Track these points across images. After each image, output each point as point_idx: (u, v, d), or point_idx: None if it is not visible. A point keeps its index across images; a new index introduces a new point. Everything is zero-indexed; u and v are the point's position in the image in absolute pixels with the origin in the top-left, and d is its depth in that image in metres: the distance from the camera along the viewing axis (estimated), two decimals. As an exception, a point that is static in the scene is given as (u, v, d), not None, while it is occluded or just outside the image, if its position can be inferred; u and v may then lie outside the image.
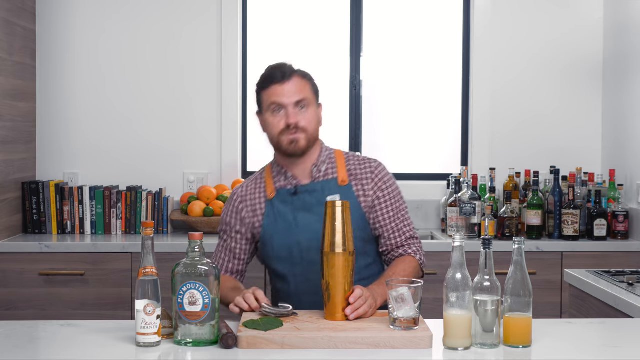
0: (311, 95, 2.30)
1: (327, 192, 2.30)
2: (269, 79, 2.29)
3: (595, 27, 4.14)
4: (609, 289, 2.56)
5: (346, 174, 2.34)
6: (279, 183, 2.36)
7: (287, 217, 2.31)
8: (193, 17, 4.06)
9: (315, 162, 2.34)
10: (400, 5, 4.25)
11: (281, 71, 2.28)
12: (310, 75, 2.35)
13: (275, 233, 2.31)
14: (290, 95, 2.26)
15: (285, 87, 2.27)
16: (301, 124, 2.26)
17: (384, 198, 2.35)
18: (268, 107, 2.29)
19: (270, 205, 2.33)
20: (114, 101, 4.05)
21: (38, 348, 1.89)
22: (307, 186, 2.32)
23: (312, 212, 2.29)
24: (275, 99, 2.27)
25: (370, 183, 2.34)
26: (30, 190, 3.78)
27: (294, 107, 2.26)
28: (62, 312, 3.46)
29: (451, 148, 4.26)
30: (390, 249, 2.36)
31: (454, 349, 1.83)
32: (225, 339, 1.83)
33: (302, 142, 2.27)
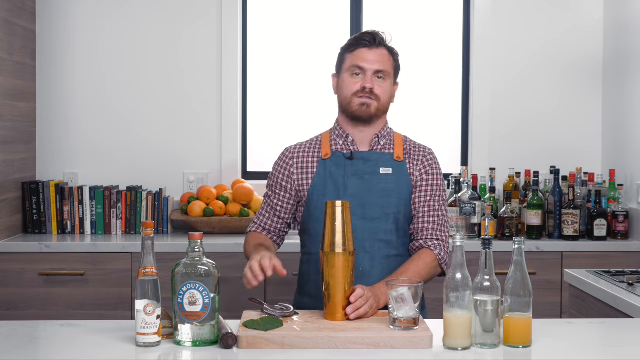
0: (391, 70, 2.38)
1: (382, 164, 2.36)
2: (358, 41, 2.35)
3: (595, 27, 4.14)
4: (609, 289, 2.56)
5: (402, 151, 2.41)
6: (336, 146, 2.40)
7: (338, 180, 2.35)
8: (193, 17, 4.06)
9: (378, 134, 2.40)
10: (400, 5, 4.26)
11: (372, 37, 2.34)
12: (397, 52, 2.42)
13: (323, 193, 2.34)
14: (373, 62, 2.33)
15: (371, 53, 2.34)
16: (376, 91, 2.34)
17: (426, 181, 2.40)
18: (349, 68, 2.35)
19: (323, 165, 2.37)
20: (114, 101, 4.05)
21: (38, 348, 1.89)
22: (364, 153, 2.38)
23: (363, 180, 2.34)
24: (359, 62, 2.33)
25: (419, 164, 2.41)
26: (30, 190, 3.78)
27: (373, 74, 2.33)
28: (62, 312, 3.46)
29: (451, 148, 4.26)
30: (416, 233, 2.38)
31: (454, 349, 1.83)
32: (225, 339, 1.83)
33: (373, 108, 2.34)
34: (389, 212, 2.33)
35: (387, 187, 2.34)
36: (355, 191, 2.32)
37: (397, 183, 2.35)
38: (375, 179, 2.34)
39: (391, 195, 2.33)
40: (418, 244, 2.36)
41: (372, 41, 2.33)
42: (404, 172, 2.37)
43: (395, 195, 2.34)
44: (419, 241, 2.36)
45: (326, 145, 2.40)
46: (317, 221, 2.31)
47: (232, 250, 3.46)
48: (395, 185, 2.35)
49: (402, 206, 2.35)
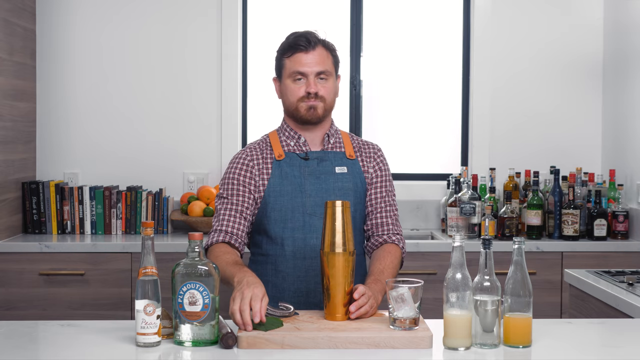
0: (332, 67, 2.37)
1: (337, 163, 2.38)
2: (294, 47, 2.34)
3: (595, 27, 4.14)
4: (609, 289, 2.56)
5: (352, 149, 2.43)
6: (288, 147, 2.40)
7: (295, 180, 2.34)
8: (193, 17, 4.06)
9: (328, 132, 2.42)
10: (400, 5, 4.26)
11: (307, 40, 2.33)
12: (334, 46, 2.41)
13: (281, 194, 2.33)
14: (313, 65, 2.33)
15: (309, 56, 2.33)
16: (320, 93, 2.34)
17: (380, 178, 2.43)
18: (290, 74, 2.35)
19: (278, 166, 2.36)
20: (114, 101, 4.05)
21: (38, 348, 1.89)
22: (318, 153, 2.39)
23: (320, 179, 2.35)
24: (299, 67, 2.33)
25: (372, 161, 2.44)
26: (30, 190, 3.78)
27: (315, 76, 2.33)
28: (62, 312, 3.46)
29: (451, 148, 4.26)
30: (375, 227, 2.40)
31: (454, 349, 1.83)
32: (225, 339, 1.83)
33: (320, 110, 2.35)
34: None
35: (344, 185, 2.36)
36: (313, 191, 2.33)
37: (353, 181, 2.38)
38: (331, 179, 2.36)
39: (348, 194, 2.35)
40: (382, 239, 2.38)
41: (308, 44, 2.32)
42: (357, 170, 2.40)
43: (352, 194, 2.36)
44: (382, 237, 2.39)
45: (277, 147, 2.39)
46: (275, 222, 2.32)
47: (232, 250, 3.45)
48: (351, 184, 2.37)
49: (358, 204, 2.38)
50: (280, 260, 2.32)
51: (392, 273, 2.27)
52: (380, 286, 2.16)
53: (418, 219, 4.09)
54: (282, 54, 2.38)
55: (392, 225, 2.41)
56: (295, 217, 2.32)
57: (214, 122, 4.08)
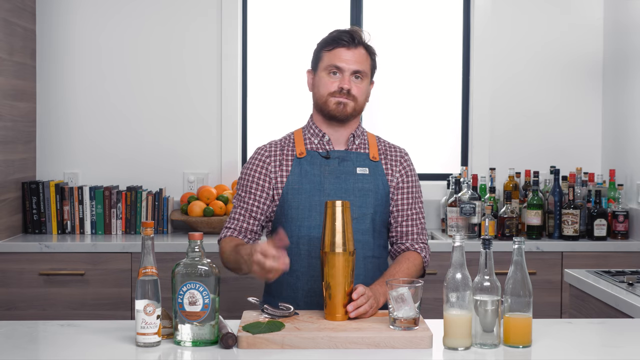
0: (368, 70, 2.36)
1: (358, 164, 2.35)
2: (336, 41, 2.32)
3: (595, 27, 4.14)
4: (609, 289, 2.56)
5: (377, 151, 2.41)
6: (311, 145, 2.38)
7: (314, 178, 2.32)
8: (193, 17, 4.07)
9: (353, 133, 2.39)
10: (400, 5, 4.26)
11: (350, 36, 2.31)
12: (375, 51, 2.40)
13: (299, 192, 2.31)
14: (351, 62, 2.31)
15: (349, 53, 2.31)
16: (353, 92, 2.32)
17: (407, 184, 2.41)
18: (326, 67, 2.33)
19: (298, 164, 2.34)
20: (114, 101, 4.05)
21: (38, 348, 1.89)
22: (340, 152, 2.37)
23: (340, 179, 2.33)
24: (337, 62, 2.31)
25: (398, 165, 2.41)
26: (30, 190, 3.78)
27: (350, 74, 2.31)
28: (62, 312, 3.46)
29: (451, 148, 4.26)
30: (399, 236, 2.38)
31: (454, 349, 1.83)
32: (225, 339, 1.83)
33: (349, 108, 2.33)
34: (366, 212, 2.32)
35: (364, 187, 2.33)
36: (332, 190, 2.31)
37: (374, 183, 2.35)
38: (352, 179, 2.33)
39: (368, 195, 2.33)
40: (404, 246, 2.37)
41: (351, 40, 2.31)
42: (380, 173, 2.37)
43: (372, 195, 2.33)
44: (405, 244, 2.37)
45: (300, 144, 2.37)
46: (292, 221, 2.30)
47: (232, 250, 3.45)
48: (372, 185, 2.34)
49: (378, 206, 2.34)
50: (295, 259, 2.27)
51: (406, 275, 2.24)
52: (384, 289, 2.15)
53: (418, 219, 4.09)
54: (322, 47, 2.35)
55: (417, 235, 2.38)
56: (312, 215, 2.29)
57: (214, 122, 4.08)
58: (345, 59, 2.30)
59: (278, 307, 2.04)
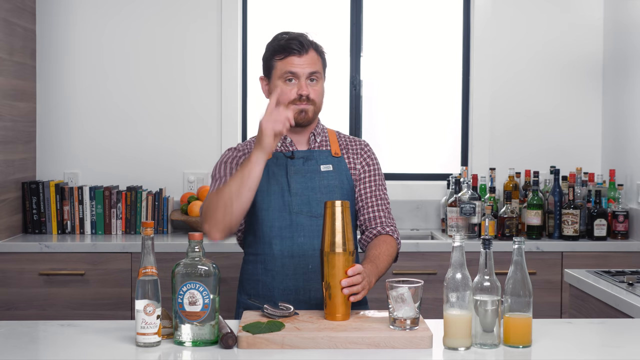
0: (322, 70, 2.40)
1: (322, 161, 2.40)
2: (287, 49, 2.35)
3: (595, 27, 4.14)
4: (609, 289, 2.56)
5: (339, 147, 2.45)
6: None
7: (281, 179, 2.36)
8: (193, 17, 4.07)
9: (314, 131, 2.44)
10: (400, 5, 4.26)
11: (300, 43, 2.34)
12: (323, 48, 2.43)
13: (268, 193, 2.35)
14: (305, 67, 2.34)
15: (302, 59, 2.34)
16: (312, 96, 2.35)
17: (369, 172, 2.45)
18: (281, 75, 2.36)
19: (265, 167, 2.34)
20: (114, 101, 4.05)
21: (38, 348, 1.89)
22: (304, 152, 2.41)
23: (306, 178, 2.37)
24: (291, 69, 2.34)
25: (359, 157, 2.46)
26: (30, 190, 3.78)
27: (306, 78, 2.35)
28: (62, 312, 3.46)
29: (451, 148, 4.26)
30: (368, 221, 2.41)
31: (454, 349, 1.83)
32: (225, 339, 1.83)
33: (310, 113, 2.37)
34: None
35: (329, 183, 2.37)
36: (299, 189, 2.35)
37: (339, 179, 2.39)
38: (317, 177, 2.37)
39: (334, 192, 2.36)
40: (375, 231, 2.39)
41: (301, 47, 2.34)
42: (343, 168, 2.41)
43: (338, 191, 2.37)
44: (376, 228, 2.39)
45: None
46: (263, 222, 2.33)
47: (232, 250, 3.46)
48: (337, 182, 2.38)
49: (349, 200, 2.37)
50: (269, 259, 2.34)
51: (387, 260, 2.28)
52: (375, 269, 2.19)
53: (418, 219, 4.09)
54: (273, 55, 2.38)
55: (385, 218, 2.41)
56: (283, 216, 2.33)
57: (214, 122, 4.08)
58: (298, 65, 2.33)
59: (278, 307, 2.04)
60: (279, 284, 2.33)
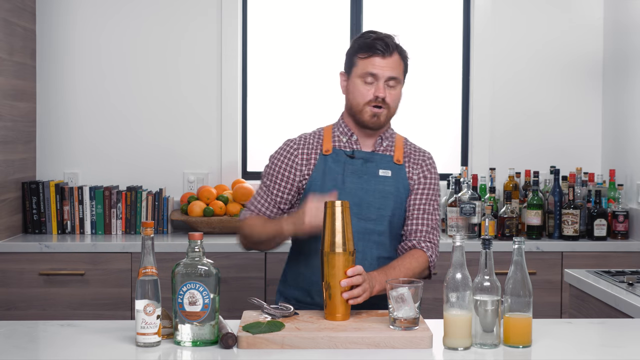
0: (402, 75, 2.40)
1: (382, 166, 2.38)
2: (371, 48, 2.33)
3: (595, 27, 4.14)
4: (609, 289, 2.56)
5: (402, 154, 2.42)
6: (338, 143, 2.41)
7: (336, 177, 2.35)
8: (193, 17, 4.07)
9: (382, 135, 2.42)
10: (400, 5, 4.26)
11: (385, 44, 2.33)
12: (407, 55, 2.43)
13: (321, 188, 2.34)
14: (387, 70, 2.33)
15: (385, 61, 2.33)
16: (387, 100, 2.34)
17: (424, 184, 2.42)
18: (361, 74, 2.34)
19: (323, 161, 2.38)
20: (114, 101, 4.05)
21: (38, 348, 1.89)
22: (365, 153, 2.39)
23: (362, 179, 2.36)
24: (373, 70, 2.32)
25: (418, 168, 2.43)
26: (30, 190, 3.78)
27: (385, 81, 2.33)
28: (62, 312, 3.46)
29: (451, 148, 4.26)
30: (408, 233, 2.39)
31: (454, 349, 1.83)
32: (225, 339, 1.83)
33: (383, 117, 2.36)
34: (384, 214, 2.35)
35: (384, 189, 2.35)
36: (353, 190, 2.33)
37: (395, 186, 2.37)
38: (373, 180, 2.36)
39: (388, 198, 2.35)
40: (411, 244, 2.38)
41: (386, 49, 2.32)
42: (402, 176, 2.39)
43: (392, 198, 2.36)
44: (412, 241, 2.38)
45: (328, 141, 2.40)
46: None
47: (232, 250, 3.46)
48: (393, 188, 2.36)
49: (397, 209, 2.37)
50: (313, 254, 2.31)
51: (404, 273, 2.24)
52: (381, 277, 2.16)
53: (418, 219, 4.08)
54: (356, 52, 2.37)
55: (426, 233, 2.38)
56: None
57: (214, 122, 4.08)
58: (380, 66, 2.32)
59: (278, 307, 2.04)
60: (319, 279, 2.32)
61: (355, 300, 2.03)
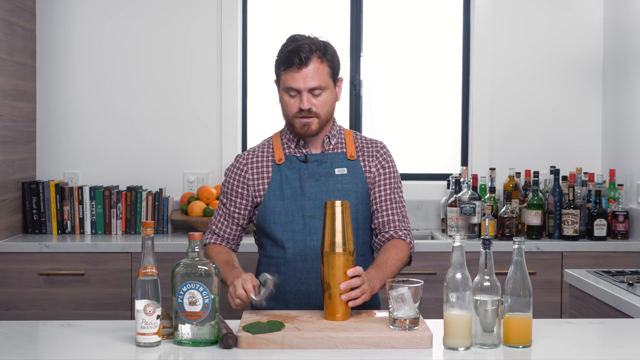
0: (327, 79, 2.32)
1: (336, 164, 2.37)
2: (287, 62, 2.30)
3: (595, 27, 4.14)
4: (609, 289, 2.56)
5: (354, 149, 2.41)
6: (288, 150, 2.41)
7: (294, 183, 2.35)
8: (193, 17, 4.07)
9: (328, 134, 2.41)
10: (400, 5, 4.26)
11: (299, 56, 2.28)
12: (330, 51, 2.35)
13: (281, 197, 2.34)
14: (305, 81, 2.29)
15: (301, 73, 2.29)
16: (314, 110, 2.31)
17: (384, 175, 2.41)
18: (285, 88, 2.33)
19: (278, 170, 2.37)
20: (114, 101, 4.05)
21: (38, 348, 1.89)
22: (317, 155, 2.39)
23: (319, 182, 2.35)
24: (292, 84, 2.30)
25: (374, 160, 2.42)
26: (30, 190, 3.78)
27: (308, 92, 2.30)
28: (62, 312, 3.46)
29: (451, 148, 4.26)
30: (381, 225, 2.39)
31: (454, 349, 1.83)
32: (225, 339, 1.83)
33: (314, 126, 2.33)
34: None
35: (343, 187, 2.35)
36: (313, 193, 2.33)
37: (353, 182, 2.37)
38: (331, 180, 2.35)
39: (349, 195, 2.35)
40: (388, 234, 2.37)
41: (300, 62, 2.27)
42: (358, 171, 2.39)
43: (353, 195, 2.35)
44: (389, 232, 2.37)
45: (278, 150, 2.40)
46: (276, 225, 2.33)
47: (232, 250, 3.45)
48: (351, 185, 2.36)
49: (359, 205, 2.36)
50: (282, 262, 2.33)
51: (396, 265, 2.25)
52: (380, 274, 2.16)
53: (418, 219, 4.09)
54: (279, 65, 2.34)
55: (399, 222, 2.39)
56: (296, 219, 2.32)
57: (214, 122, 4.08)
58: (299, 79, 2.28)
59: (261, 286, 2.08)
60: (292, 288, 2.32)
61: (354, 302, 2.03)
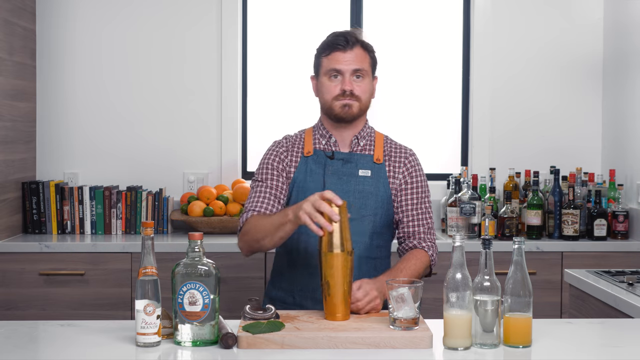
0: (368, 67, 2.39)
1: (361, 166, 2.39)
2: (331, 46, 2.35)
3: (595, 27, 4.14)
4: (609, 289, 2.56)
5: (382, 153, 2.43)
6: (318, 144, 2.43)
7: (317, 178, 2.37)
8: (193, 17, 4.06)
9: (357, 135, 2.42)
10: (400, 5, 4.26)
11: (345, 39, 2.34)
12: (372, 47, 2.42)
13: (303, 190, 2.36)
14: (349, 63, 2.34)
15: (346, 55, 2.34)
16: (356, 92, 2.35)
17: (411, 184, 2.43)
18: (326, 72, 2.36)
19: (305, 162, 2.40)
20: (114, 101, 4.05)
21: (38, 348, 1.89)
22: (344, 154, 2.41)
23: (342, 180, 2.37)
24: (335, 65, 2.34)
25: (402, 167, 2.43)
26: (30, 190, 3.78)
27: (351, 74, 2.34)
28: (62, 312, 3.46)
29: (451, 148, 4.26)
30: (406, 236, 2.41)
31: (454, 349, 1.83)
32: (225, 339, 1.83)
33: (354, 108, 2.36)
34: (365, 214, 2.36)
35: (364, 189, 2.36)
36: (334, 191, 2.31)
37: (375, 185, 2.38)
38: (353, 181, 2.37)
39: (368, 198, 2.36)
40: (412, 244, 2.41)
41: (346, 43, 2.34)
42: (382, 175, 2.40)
43: (373, 198, 2.37)
44: (412, 242, 2.41)
45: (309, 143, 2.43)
46: None
47: (232, 250, 3.46)
48: (372, 188, 2.37)
49: (379, 209, 2.37)
50: (295, 254, 2.35)
51: (411, 275, 2.27)
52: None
53: (418, 219, 4.08)
54: (321, 53, 2.40)
55: (424, 234, 2.42)
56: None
57: (214, 122, 4.08)
58: (342, 61, 2.34)
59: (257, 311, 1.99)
60: (300, 279, 2.34)
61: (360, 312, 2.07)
